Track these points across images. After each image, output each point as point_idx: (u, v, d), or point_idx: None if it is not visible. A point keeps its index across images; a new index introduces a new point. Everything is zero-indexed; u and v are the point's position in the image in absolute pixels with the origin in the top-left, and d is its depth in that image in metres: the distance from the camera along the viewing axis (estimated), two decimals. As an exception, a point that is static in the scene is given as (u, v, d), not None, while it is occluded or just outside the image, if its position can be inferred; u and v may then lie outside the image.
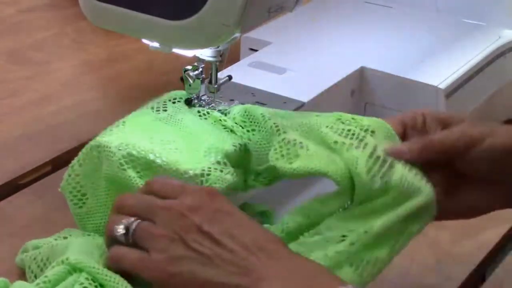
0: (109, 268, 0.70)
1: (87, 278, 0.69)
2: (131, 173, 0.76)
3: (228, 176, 0.77)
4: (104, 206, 0.79)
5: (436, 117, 0.77)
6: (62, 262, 0.70)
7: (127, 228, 0.70)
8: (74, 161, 0.80)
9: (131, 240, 0.69)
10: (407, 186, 0.71)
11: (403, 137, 0.77)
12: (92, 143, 0.79)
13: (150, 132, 0.80)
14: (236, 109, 0.83)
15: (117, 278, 0.69)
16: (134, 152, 0.76)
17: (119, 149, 0.76)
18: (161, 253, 0.68)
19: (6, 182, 0.93)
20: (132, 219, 0.70)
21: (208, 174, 0.76)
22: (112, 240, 0.71)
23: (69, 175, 0.80)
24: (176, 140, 0.79)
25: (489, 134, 0.73)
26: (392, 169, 0.71)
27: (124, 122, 0.81)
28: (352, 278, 0.69)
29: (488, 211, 0.77)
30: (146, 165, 0.77)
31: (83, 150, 0.79)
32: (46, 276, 0.70)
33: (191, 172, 0.76)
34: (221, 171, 0.77)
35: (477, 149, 0.73)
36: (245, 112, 0.82)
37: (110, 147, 0.77)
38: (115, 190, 0.77)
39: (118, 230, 0.70)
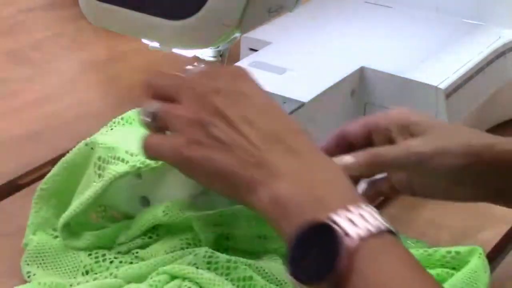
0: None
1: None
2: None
3: None
4: None
5: (401, 124, 0.75)
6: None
7: (152, 114, 0.69)
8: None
9: (159, 124, 0.69)
10: None
11: (368, 139, 0.76)
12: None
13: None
14: None
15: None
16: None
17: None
18: (180, 135, 0.67)
19: (6, 182, 0.93)
20: (156, 104, 0.69)
21: None
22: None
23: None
24: None
25: (441, 153, 0.72)
26: None
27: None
28: None
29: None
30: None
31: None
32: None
33: None
34: None
35: (424, 166, 0.72)
36: None
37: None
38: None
39: (145, 119, 0.69)
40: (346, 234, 0.58)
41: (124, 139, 0.79)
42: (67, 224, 0.78)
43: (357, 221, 0.59)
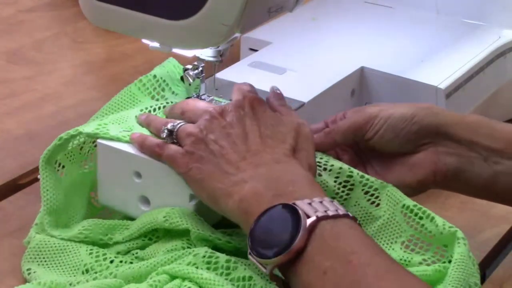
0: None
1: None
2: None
3: None
4: None
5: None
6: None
7: (170, 131, 0.77)
8: None
9: (175, 139, 0.77)
10: None
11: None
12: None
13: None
14: None
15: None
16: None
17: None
18: (188, 150, 0.75)
19: (6, 182, 0.93)
20: (177, 122, 0.78)
21: None
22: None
23: None
24: None
25: (384, 109, 0.81)
26: None
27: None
28: None
29: (419, 187, 0.82)
30: None
31: None
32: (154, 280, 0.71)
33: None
34: None
35: (376, 120, 0.80)
36: None
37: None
38: None
39: (162, 134, 0.78)
40: (306, 214, 0.65)
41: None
42: (55, 224, 0.79)
43: (316, 206, 0.66)
